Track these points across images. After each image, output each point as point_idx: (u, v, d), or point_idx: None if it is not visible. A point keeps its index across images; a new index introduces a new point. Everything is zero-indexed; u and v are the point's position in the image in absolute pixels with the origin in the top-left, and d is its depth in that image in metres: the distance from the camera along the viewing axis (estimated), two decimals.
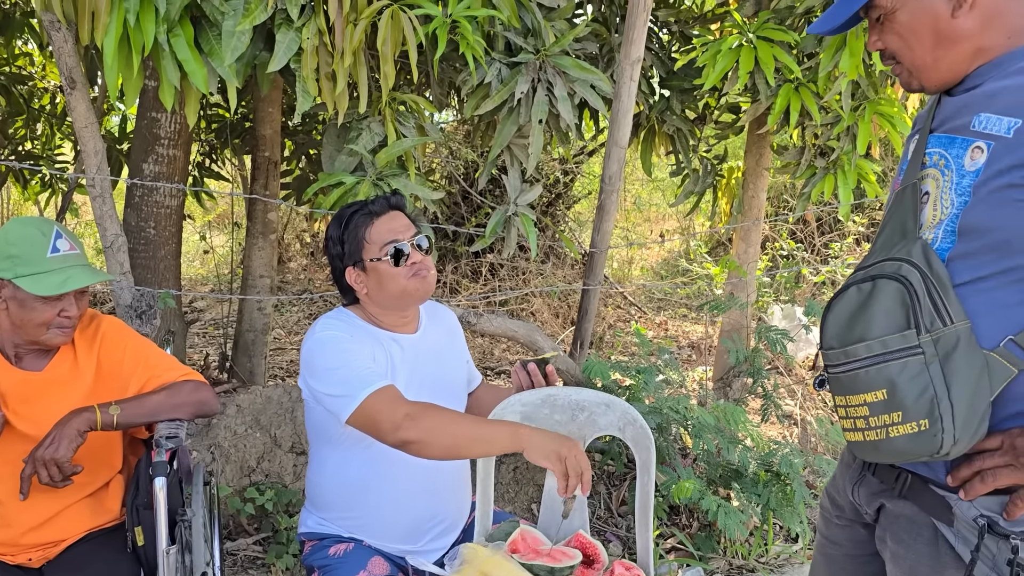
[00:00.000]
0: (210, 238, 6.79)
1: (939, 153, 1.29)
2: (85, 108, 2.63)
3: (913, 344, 1.18)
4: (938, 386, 1.16)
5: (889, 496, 1.36)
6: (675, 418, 2.81)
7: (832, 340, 1.28)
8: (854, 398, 1.25)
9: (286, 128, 4.52)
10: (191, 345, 5.31)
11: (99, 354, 1.94)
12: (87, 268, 1.86)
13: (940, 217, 1.25)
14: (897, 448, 1.21)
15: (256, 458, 2.95)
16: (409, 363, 1.95)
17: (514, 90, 2.90)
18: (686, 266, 7.31)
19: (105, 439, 1.93)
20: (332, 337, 1.86)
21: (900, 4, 1.27)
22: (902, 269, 1.22)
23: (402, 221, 1.95)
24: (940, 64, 1.29)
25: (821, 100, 3.43)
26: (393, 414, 1.69)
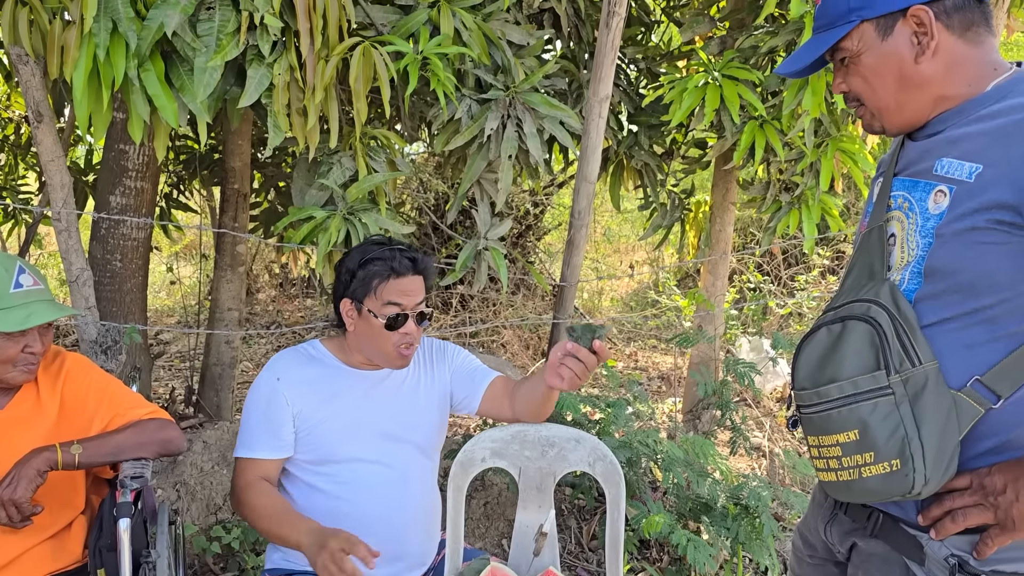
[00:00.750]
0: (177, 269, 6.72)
1: (903, 196, 1.32)
2: (52, 141, 2.61)
3: (883, 385, 1.21)
4: (908, 426, 1.19)
5: (861, 535, 1.38)
6: (645, 452, 2.82)
7: (804, 381, 1.31)
8: (827, 438, 1.28)
9: (256, 160, 4.51)
10: (157, 379, 5.24)
11: (63, 392, 1.91)
12: (51, 303, 1.84)
13: (907, 259, 1.28)
14: (870, 488, 1.24)
15: (223, 496, 2.90)
16: (360, 401, 1.97)
17: (484, 126, 2.93)
18: (655, 298, 7.37)
19: (67, 479, 1.90)
20: (263, 380, 1.94)
21: (865, 48, 1.31)
22: (871, 310, 1.25)
23: (417, 286, 1.93)
24: (903, 108, 1.32)
25: (785, 137, 3.50)
26: (237, 484, 1.91)
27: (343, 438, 1.94)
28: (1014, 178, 1.16)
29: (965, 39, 1.27)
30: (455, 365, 2.11)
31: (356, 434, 1.94)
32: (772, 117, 3.51)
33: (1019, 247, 1.17)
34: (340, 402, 1.94)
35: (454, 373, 2.10)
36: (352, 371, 1.98)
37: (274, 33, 2.42)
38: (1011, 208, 1.16)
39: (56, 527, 1.90)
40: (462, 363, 2.12)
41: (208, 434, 3.02)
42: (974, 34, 1.27)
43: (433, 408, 2.08)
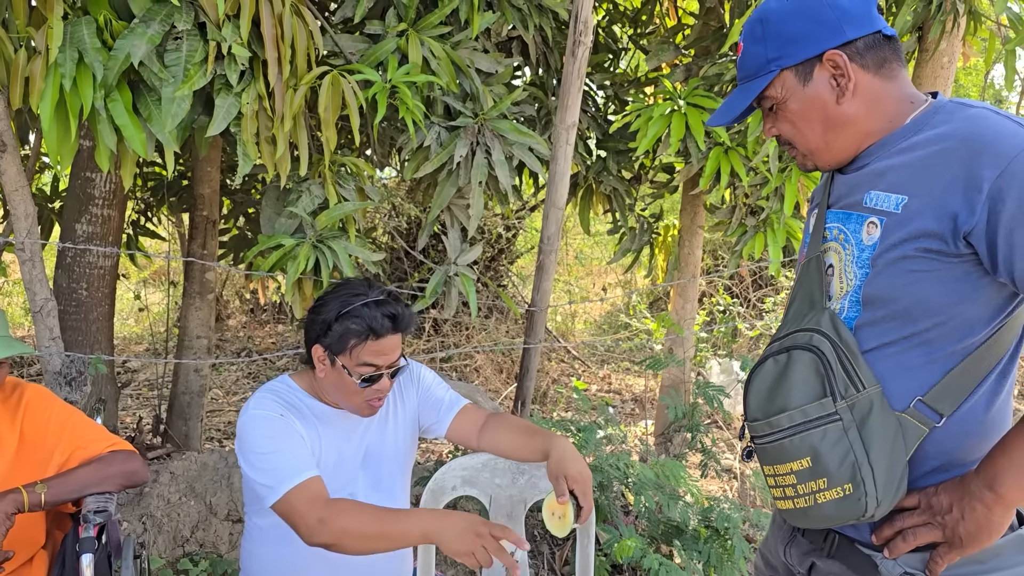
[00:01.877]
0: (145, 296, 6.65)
1: (838, 228, 1.37)
2: (15, 171, 2.59)
3: (831, 411, 1.25)
4: (857, 451, 1.23)
5: (819, 556, 1.40)
6: (616, 475, 2.83)
7: (756, 412, 1.35)
8: (781, 467, 1.31)
9: (225, 186, 4.49)
10: (124, 407, 5.16)
11: (22, 425, 1.88)
12: (2, 340, 1.81)
13: (846, 288, 1.33)
14: (826, 513, 1.28)
15: (190, 527, 2.86)
16: (341, 440, 1.92)
17: (453, 153, 2.95)
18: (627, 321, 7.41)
19: (28, 515, 1.86)
20: (263, 417, 1.81)
21: (790, 94, 1.36)
22: (813, 339, 1.30)
23: (394, 344, 1.84)
24: (832, 147, 1.38)
25: (750, 163, 3.56)
26: (308, 516, 1.69)
27: (328, 480, 1.90)
28: (936, 208, 1.21)
29: (880, 75, 1.33)
30: (422, 391, 2.07)
31: (338, 474, 1.90)
32: (737, 143, 3.57)
33: (948, 273, 1.22)
34: (324, 446, 1.89)
35: (421, 400, 2.07)
36: (329, 410, 1.92)
37: (242, 62, 2.43)
38: (936, 236, 1.21)
39: (17, 563, 1.87)
40: (429, 390, 2.07)
41: (175, 464, 2.97)
42: (888, 70, 1.34)
43: (405, 434, 2.04)
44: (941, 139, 1.25)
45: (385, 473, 1.99)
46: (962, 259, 1.21)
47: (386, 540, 1.66)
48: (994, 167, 1.17)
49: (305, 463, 1.76)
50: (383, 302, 1.83)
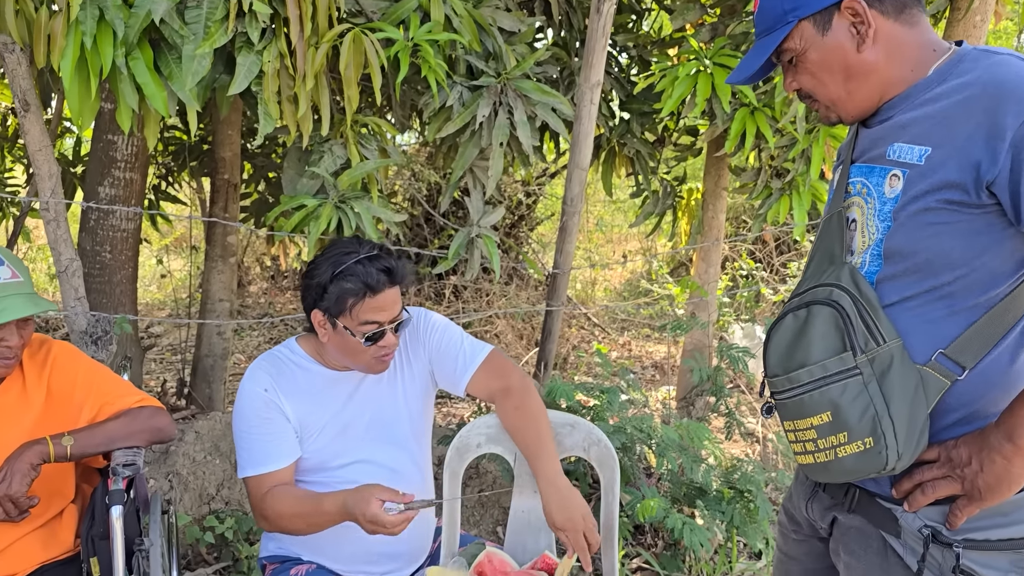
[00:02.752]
0: (167, 262, 6.69)
1: (861, 182, 1.36)
2: (39, 131, 2.59)
3: (851, 366, 1.25)
4: (878, 404, 1.23)
5: (840, 510, 1.41)
6: (639, 437, 2.82)
7: (775, 368, 1.34)
8: (801, 422, 1.31)
9: (245, 150, 4.48)
10: (148, 371, 5.21)
11: (49, 381, 1.89)
12: (28, 297, 1.79)
13: (868, 242, 1.33)
14: (846, 468, 1.27)
15: (215, 486, 2.89)
16: (347, 403, 1.92)
17: (475, 113, 2.91)
18: (648, 286, 7.38)
19: (57, 468, 1.88)
20: (248, 394, 1.86)
21: (808, 45, 1.34)
22: (833, 294, 1.29)
23: (393, 298, 1.81)
24: (854, 96, 1.36)
25: (777, 124, 3.50)
26: (254, 507, 1.86)
27: (333, 446, 1.89)
28: (960, 158, 1.20)
29: (901, 21, 1.32)
30: (433, 342, 1.99)
31: (345, 440, 1.90)
32: (764, 104, 3.51)
33: (970, 224, 1.21)
34: (327, 411, 1.89)
35: (432, 352, 1.99)
36: (332, 374, 1.91)
37: (263, 20, 2.40)
38: (959, 187, 1.20)
39: (46, 516, 1.88)
40: (441, 340, 1.99)
41: (200, 424, 3.00)
42: (908, 15, 1.32)
43: (416, 395, 2.00)
44: (964, 88, 1.24)
45: (399, 434, 1.97)
46: (985, 210, 1.20)
47: (314, 524, 1.77)
48: (1017, 115, 1.16)
49: (269, 453, 1.84)
50: (376, 257, 1.79)
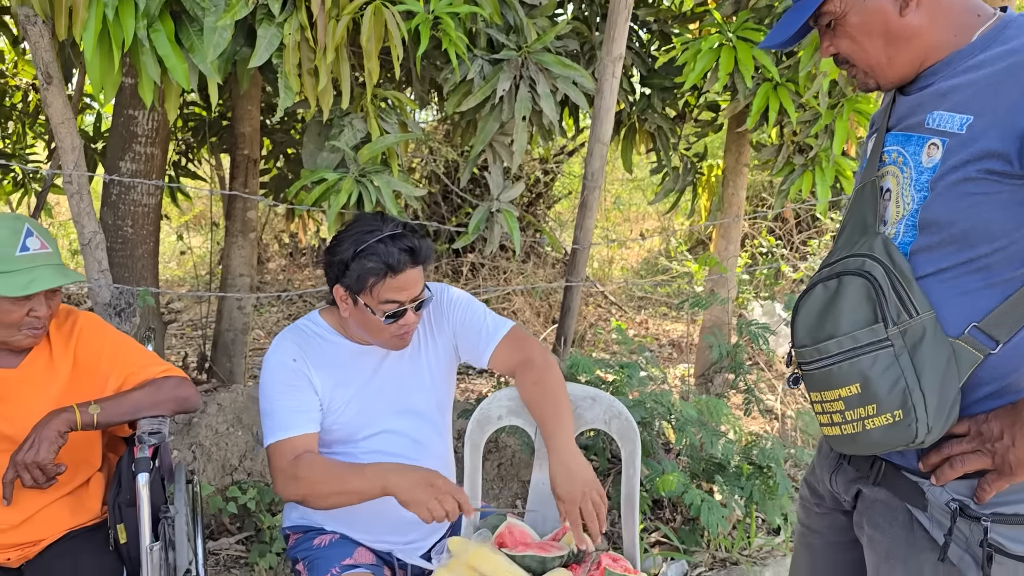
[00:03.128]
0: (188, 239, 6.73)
1: (897, 151, 1.33)
2: (61, 104, 2.60)
3: (882, 337, 1.22)
4: (909, 377, 1.21)
5: (865, 483, 1.40)
6: (658, 412, 2.82)
7: (804, 338, 1.32)
8: (829, 393, 1.29)
9: (264, 127, 4.49)
10: (169, 347, 5.26)
11: (75, 351, 1.91)
12: (57, 268, 1.80)
13: (902, 213, 1.29)
14: (874, 440, 1.25)
15: (238, 457, 2.92)
16: (370, 376, 1.92)
17: (496, 87, 2.90)
18: (666, 264, 7.35)
19: (84, 437, 1.90)
20: (275, 363, 1.86)
21: (849, 7, 1.31)
22: (865, 265, 1.26)
23: (415, 278, 1.80)
24: (894, 62, 1.32)
25: (800, 99, 3.46)
26: (279, 473, 1.80)
27: (358, 420, 1.90)
28: (1003, 127, 1.17)
29: None
30: (456, 317, 2.00)
31: (370, 414, 1.91)
32: (787, 78, 3.47)
33: (1011, 196, 1.18)
34: (354, 385, 1.90)
35: (456, 327, 2.00)
36: (357, 348, 1.92)
37: None
38: (1001, 157, 1.17)
39: (74, 484, 1.91)
40: (465, 315, 2.00)
41: (222, 396, 3.03)
42: None
43: (440, 368, 2.01)
44: (1009, 55, 1.21)
45: (422, 406, 1.98)
46: None
47: (347, 495, 1.73)
48: None
49: (295, 420, 1.82)
50: (399, 236, 1.78)
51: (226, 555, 2.75)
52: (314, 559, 1.90)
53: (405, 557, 1.97)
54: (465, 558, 1.78)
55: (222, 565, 2.71)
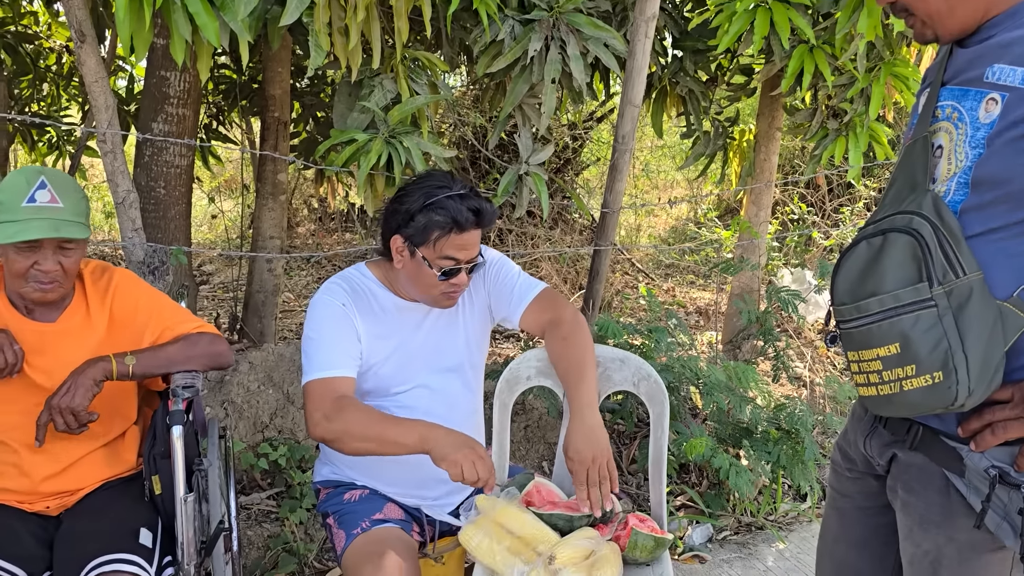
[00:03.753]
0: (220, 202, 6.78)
1: (952, 106, 1.28)
2: (95, 62, 2.61)
3: (926, 297, 1.18)
4: (952, 338, 1.17)
5: (901, 447, 1.37)
6: (687, 376, 2.82)
7: (844, 296, 1.29)
8: (867, 353, 1.26)
9: (294, 89, 4.49)
10: (201, 308, 5.33)
11: (112, 306, 1.93)
12: (53, 222, 1.75)
13: (954, 170, 1.25)
14: (911, 401, 1.22)
15: (269, 414, 2.97)
16: (410, 331, 1.94)
17: (527, 48, 2.87)
18: (695, 231, 7.28)
19: (120, 390, 1.94)
20: (324, 304, 1.87)
21: None
22: (913, 222, 1.22)
23: (476, 239, 1.85)
24: (955, 11, 1.27)
25: (836, 62, 3.39)
26: (315, 410, 1.77)
27: (395, 374, 1.92)
28: None
29: None
30: (490, 277, 2.02)
31: (407, 369, 1.93)
32: (823, 41, 3.40)
33: None
34: (395, 339, 1.92)
35: (490, 287, 2.02)
36: (402, 303, 1.94)
37: None
38: None
39: (110, 436, 1.95)
40: (498, 275, 2.02)
41: (254, 355, 3.07)
42: None
43: (475, 328, 2.04)
44: None
45: (457, 363, 2.00)
46: None
47: (382, 443, 1.71)
48: None
49: (337, 360, 1.82)
50: (467, 196, 1.81)
51: (257, 510, 2.81)
52: (344, 513, 1.93)
53: (433, 513, 2.00)
54: (493, 515, 1.81)
55: (253, 519, 2.76)
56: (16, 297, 1.85)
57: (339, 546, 1.87)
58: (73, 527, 1.81)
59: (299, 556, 2.63)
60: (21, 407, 1.82)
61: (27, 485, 1.84)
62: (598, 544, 1.77)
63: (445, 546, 2.00)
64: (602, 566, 1.70)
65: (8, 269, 1.79)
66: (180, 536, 1.77)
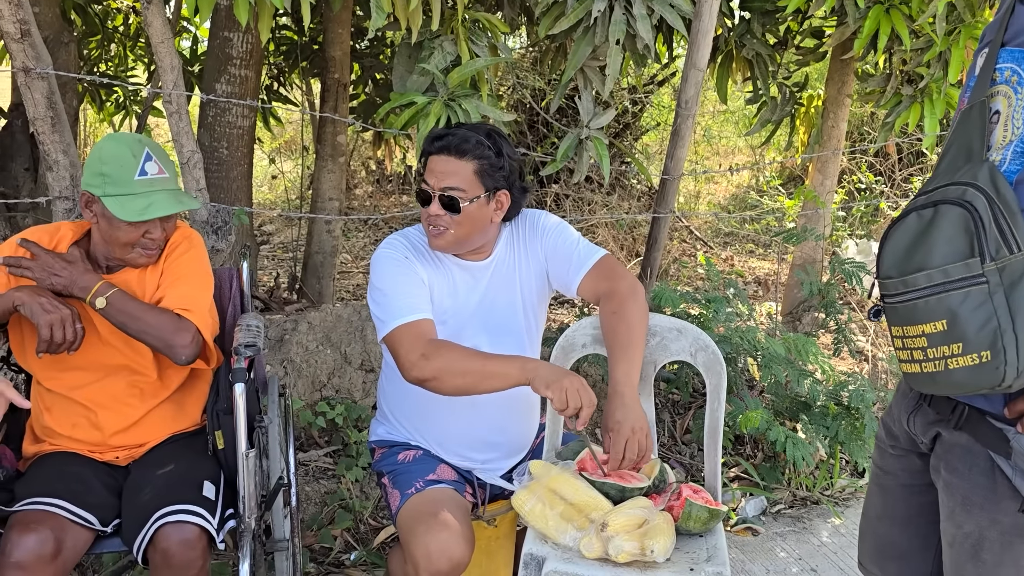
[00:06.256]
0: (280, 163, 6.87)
1: (1011, 68, 1.21)
2: (161, 23, 2.64)
3: (977, 273, 1.14)
4: (1002, 317, 1.12)
5: (945, 426, 1.33)
6: (745, 348, 2.77)
7: (890, 269, 1.25)
8: (912, 328, 1.22)
9: (354, 51, 4.49)
10: (261, 267, 5.43)
11: (163, 265, 1.96)
12: (173, 194, 1.85)
13: (1011, 137, 1.19)
14: (956, 380, 1.18)
15: (327, 374, 3.02)
16: (466, 289, 1.94)
17: (591, 8, 2.81)
18: (756, 199, 7.13)
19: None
20: (388, 256, 1.89)
21: None
22: (967, 194, 1.16)
23: (444, 167, 1.84)
24: None
25: (913, 24, 3.24)
26: (411, 352, 1.77)
27: (452, 332, 1.92)
28: None
29: None
30: (548, 241, 2.01)
31: (463, 327, 1.93)
32: (900, 1, 3.25)
33: None
34: (453, 296, 1.93)
35: (548, 251, 2.01)
36: (459, 262, 1.95)
37: None
38: None
39: (170, 389, 1.97)
40: (556, 240, 2.01)
41: (312, 316, 3.12)
42: None
43: (532, 295, 2.02)
44: None
45: (514, 325, 1.99)
46: None
47: (485, 377, 1.73)
48: None
49: (418, 304, 1.83)
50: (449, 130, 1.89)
51: (315, 466, 2.87)
52: (398, 473, 1.95)
53: (485, 477, 2.01)
54: (546, 481, 1.81)
55: (311, 475, 2.83)
56: (104, 259, 1.91)
57: (394, 505, 1.90)
58: (141, 478, 1.87)
59: (355, 513, 2.69)
60: (92, 366, 1.89)
61: (98, 437, 1.91)
62: (651, 514, 1.76)
63: (497, 509, 2.01)
64: (655, 535, 1.69)
65: (112, 238, 1.84)
66: (241, 490, 1.81)
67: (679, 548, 1.79)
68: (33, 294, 1.76)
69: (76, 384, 1.90)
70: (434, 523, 1.74)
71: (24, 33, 2.44)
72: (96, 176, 1.81)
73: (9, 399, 1.70)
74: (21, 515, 1.69)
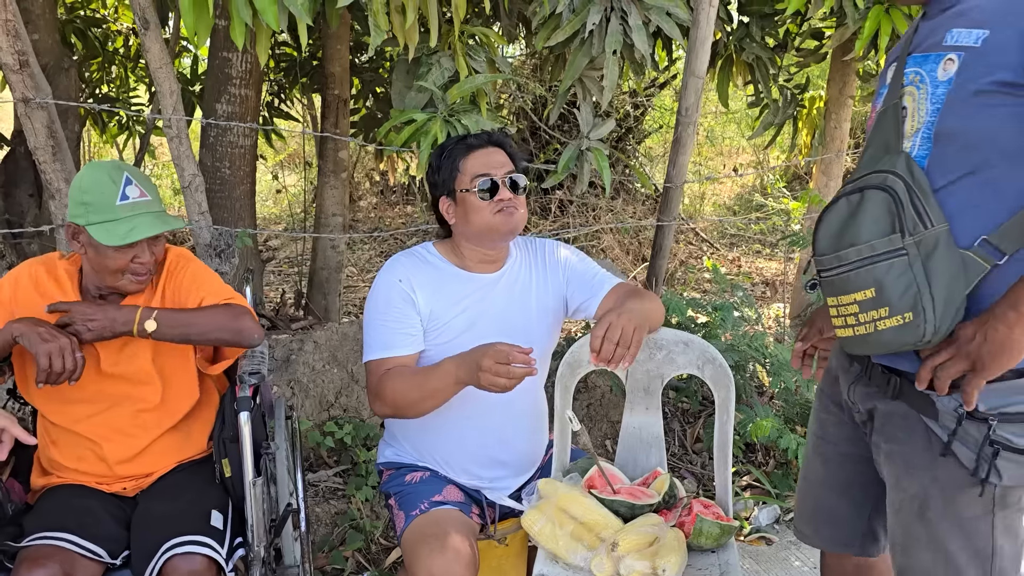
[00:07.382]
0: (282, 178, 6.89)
1: (915, 71, 1.39)
2: (159, 48, 2.65)
3: (898, 247, 1.30)
4: (920, 283, 1.29)
5: (882, 398, 1.48)
6: (753, 355, 2.75)
7: (825, 247, 1.40)
8: (845, 298, 1.37)
9: (353, 66, 4.50)
10: (267, 283, 5.44)
11: (163, 286, 1.95)
12: (156, 216, 1.83)
13: (917, 126, 1.36)
14: (884, 340, 1.34)
15: (334, 393, 3.01)
16: (477, 302, 1.94)
17: (586, 20, 2.80)
18: (761, 201, 7.10)
19: (179, 366, 1.96)
20: (383, 283, 1.92)
21: None
22: (888, 180, 1.34)
23: (499, 157, 1.92)
24: None
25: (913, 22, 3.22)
26: (369, 392, 1.89)
27: (459, 341, 1.91)
28: (1019, 40, 1.23)
29: None
30: (568, 269, 2.04)
31: (470, 337, 1.92)
32: None
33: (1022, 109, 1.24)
34: (457, 306, 1.92)
35: (570, 279, 2.04)
36: (467, 274, 1.95)
37: None
38: (1015, 69, 1.23)
39: (178, 415, 1.97)
40: (576, 267, 2.05)
41: (318, 335, 3.12)
42: None
43: (546, 313, 2.02)
44: None
45: (523, 339, 1.98)
46: None
47: (430, 396, 1.78)
48: None
49: (391, 340, 1.88)
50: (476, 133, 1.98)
51: (324, 487, 2.86)
52: (405, 494, 1.95)
53: (493, 496, 2.00)
54: (555, 500, 1.80)
55: (321, 496, 2.82)
56: (96, 289, 1.90)
57: (399, 526, 1.90)
58: (148, 509, 1.86)
59: (366, 533, 2.68)
60: (94, 398, 1.89)
61: (104, 469, 1.90)
62: (662, 530, 1.74)
63: (507, 528, 2.00)
64: (666, 553, 1.68)
65: (101, 266, 1.83)
66: (249, 519, 1.81)
67: (691, 565, 1.78)
68: (31, 324, 1.74)
69: (79, 417, 1.89)
70: (437, 545, 1.73)
71: (23, 64, 2.45)
72: (79, 206, 1.79)
73: (14, 435, 1.70)
74: (30, 551, 1.68)
